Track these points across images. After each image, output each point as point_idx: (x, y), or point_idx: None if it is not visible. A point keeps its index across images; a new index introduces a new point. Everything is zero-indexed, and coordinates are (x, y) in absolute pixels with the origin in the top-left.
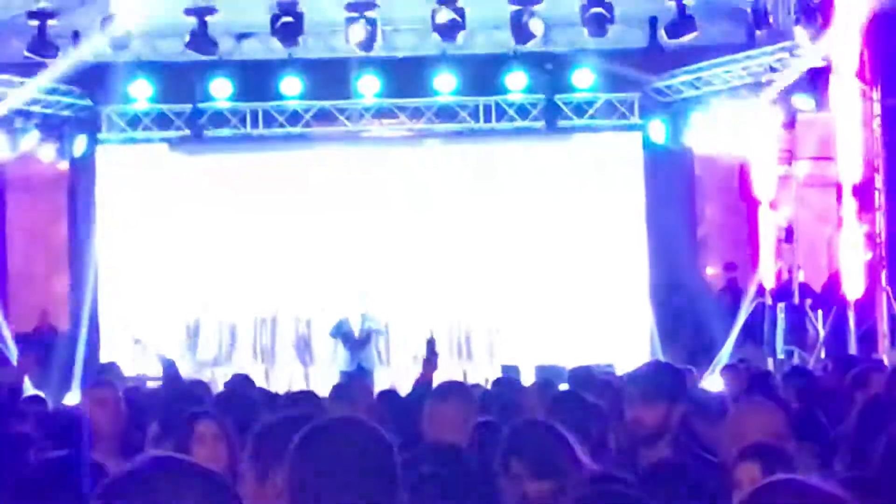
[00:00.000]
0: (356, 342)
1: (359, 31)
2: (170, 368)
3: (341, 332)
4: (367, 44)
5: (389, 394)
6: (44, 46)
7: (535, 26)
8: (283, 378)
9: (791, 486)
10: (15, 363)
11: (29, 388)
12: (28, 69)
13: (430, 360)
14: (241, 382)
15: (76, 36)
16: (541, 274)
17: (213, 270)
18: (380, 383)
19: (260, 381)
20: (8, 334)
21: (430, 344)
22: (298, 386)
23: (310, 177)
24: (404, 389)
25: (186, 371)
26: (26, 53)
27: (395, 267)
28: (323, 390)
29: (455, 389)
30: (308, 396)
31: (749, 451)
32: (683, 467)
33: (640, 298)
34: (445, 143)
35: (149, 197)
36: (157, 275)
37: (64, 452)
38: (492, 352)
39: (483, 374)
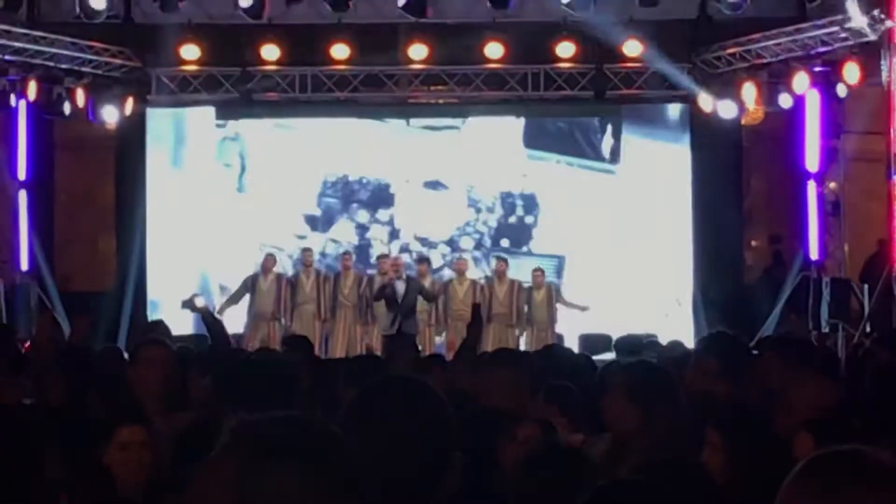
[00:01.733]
0: (398, 305)
1: None
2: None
3: (384, 295)
4: (418, 9)
5: (435, 357)
6: (93, 7)
7: None
8: (343, 336)
9: (852, 457)
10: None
11: None
12: (80, 29)
13: (476, 326)
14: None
15: None
16: (583, 243)
17: (263, 232)
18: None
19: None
20: (55, 293)
21: (476, 309)
22: (355, 347)
23: (358, 142)
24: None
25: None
26: (78, 13)
27: (438, 247)
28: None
29: (510, 356)
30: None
31: (806, 424)
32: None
33: (684, 269)
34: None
35: (198, 159)
36: (206, 237)
37: None
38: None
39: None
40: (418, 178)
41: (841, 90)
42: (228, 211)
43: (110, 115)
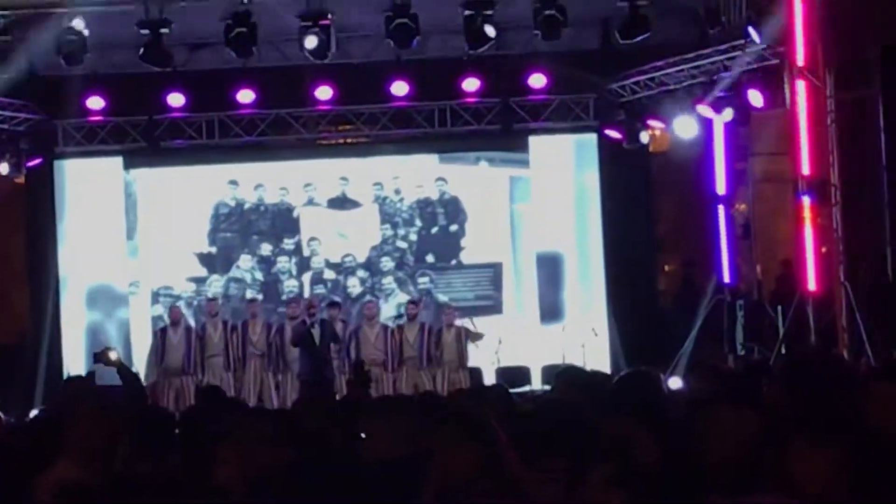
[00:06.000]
0: (316, 350)
1: (312, 40)
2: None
3: (303, 341)
4: (321, 52)
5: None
6: None
7: (489, 30)
8: (253, 386)
9: None
10: None
11: None
12: None
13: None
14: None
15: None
16: (498, 277)
17: (175, 280)
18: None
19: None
20: None
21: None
22: (268, 395)
23: (267, 185)
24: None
25: (153, 380)
26: None
27: (356, 272)
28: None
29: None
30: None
31: None
32: None
33: (598, 298)
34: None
35: (107, 209)
36: (118, 286)
37: None
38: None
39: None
40: (322, 196)
41: (744, 115)
42: (121, 260)
43: (17, 168)
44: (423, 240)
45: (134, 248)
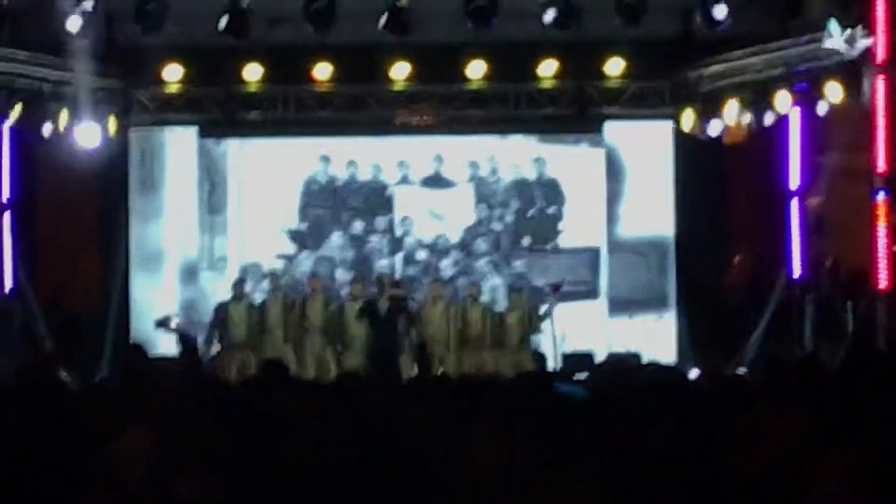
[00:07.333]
0: (381, 325)
1: (391, 17)
2: (191, 349)
3: (367, 315)
4: (399, 29)
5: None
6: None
7: (568, 14)
8: (312, 361)
9: None
10: (45, 341)
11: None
12: (62, 50)
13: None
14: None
15: (109, 20)
16: (568, 262)
17: (242, 254)
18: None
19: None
20: (39, 313)
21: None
22: (327, 370)
23: (359, 163)
24: None
25: (215, 353)
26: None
27: (449, 253)
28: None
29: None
30: None
31: None
32: None
33: (667, 288)
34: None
35: (179, 179)
36: (187, 256)
37: None
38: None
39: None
40: (416, 175)
41: (822, 107)
42: (205, 234)
43: (92, 136)
44: (519, 222)
45: (222, 222)
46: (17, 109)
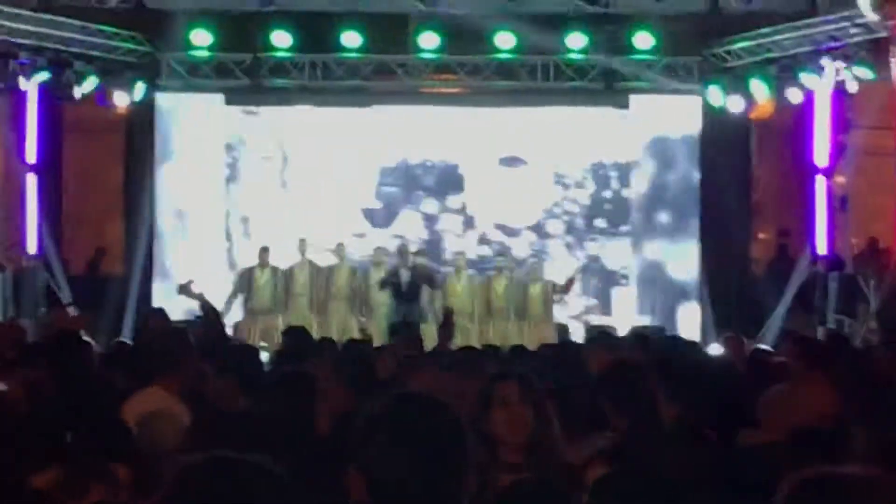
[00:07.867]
0: (403, 295)
1: None
2: (213, 314)
3: (389, 284)
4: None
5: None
6: None
7: None
8: (337, 328)
9: (829, 481)
10: (69, 306)
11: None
12: (91, 13)
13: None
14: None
15: None
16: (591, 234)
17: (267, 220)
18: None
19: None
20: (63, 277)
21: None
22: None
23: (367, 130)
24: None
25: (239, 318)
26: None
27: (522, 234)
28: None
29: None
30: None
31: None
32: None
33: (691, 262)
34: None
35: (206, 144)
36: (212, 222)
37: None
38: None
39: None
40: (491, 154)
41: (850, 85)
42: (270, 207)
43: (120, 99)
44: (594, 204)
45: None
46: (44, 71)
